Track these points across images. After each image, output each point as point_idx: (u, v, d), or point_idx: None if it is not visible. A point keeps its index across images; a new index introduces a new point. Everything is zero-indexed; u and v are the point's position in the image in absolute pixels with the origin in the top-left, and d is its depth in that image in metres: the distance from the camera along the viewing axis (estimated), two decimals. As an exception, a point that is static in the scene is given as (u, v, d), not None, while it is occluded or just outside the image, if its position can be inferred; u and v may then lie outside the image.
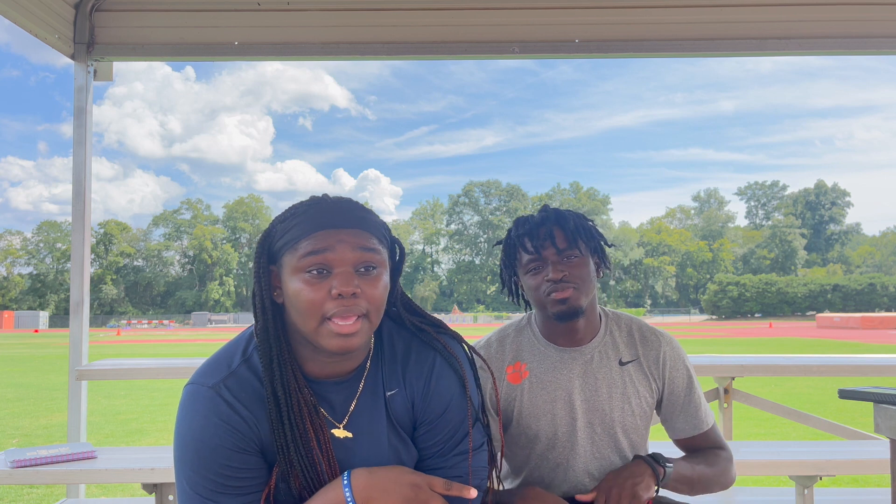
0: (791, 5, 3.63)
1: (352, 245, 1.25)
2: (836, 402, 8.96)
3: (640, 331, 1.81)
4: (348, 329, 1.23)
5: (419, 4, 3.67)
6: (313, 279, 1.23)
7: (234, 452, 1.25)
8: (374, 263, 1.27)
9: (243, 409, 1.26)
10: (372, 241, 1.28)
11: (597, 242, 1.75)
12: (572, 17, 3.67)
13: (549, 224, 1.71)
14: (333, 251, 1.23)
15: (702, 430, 1.78)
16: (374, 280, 1.26)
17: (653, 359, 1.77)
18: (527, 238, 1.72)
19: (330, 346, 1.23)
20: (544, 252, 1.69)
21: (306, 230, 1.25)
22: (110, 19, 3.66)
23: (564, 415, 1.72)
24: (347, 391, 1.36)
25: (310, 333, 1.25)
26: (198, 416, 1.25)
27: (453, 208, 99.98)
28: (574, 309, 1.68)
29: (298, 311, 1.24)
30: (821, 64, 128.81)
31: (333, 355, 1.29)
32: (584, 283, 1.69)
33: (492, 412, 1.76)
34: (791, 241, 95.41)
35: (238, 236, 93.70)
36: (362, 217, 1.30)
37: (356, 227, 1.27)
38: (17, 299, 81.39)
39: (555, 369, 1.74)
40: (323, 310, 1.22)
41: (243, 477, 1.26)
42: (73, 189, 3.58)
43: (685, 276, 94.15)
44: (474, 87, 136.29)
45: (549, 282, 1.67)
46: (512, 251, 1.77)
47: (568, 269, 1.68)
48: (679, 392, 1.78)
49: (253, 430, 1.27)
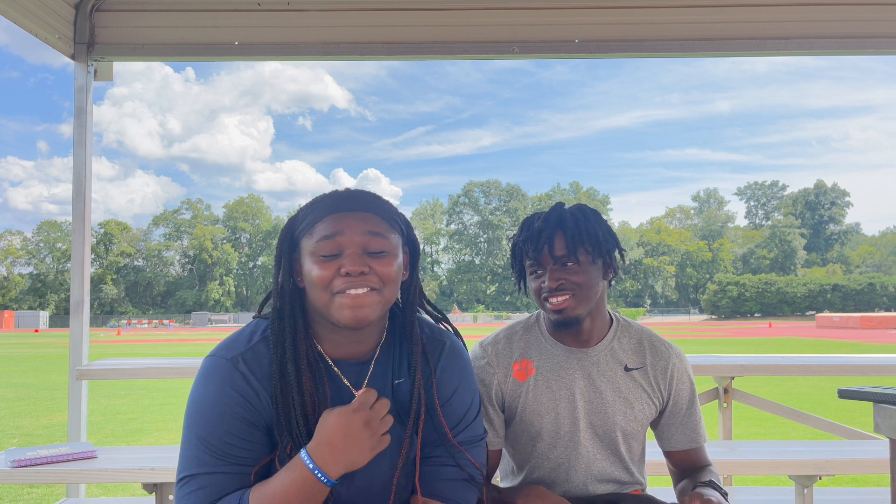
0: (790, 5, 3.63)
1: (361, 229, 1.32)
2: (836, 401, 8.97)
3: (650, 340, 1.80)
4: (359, 300, 1.29)
5: (419, 4, 3.67)
6: (325, 260, 1.31)
7: (242, 423, 1.30)
8: (384, 248, 1.34)
9: (256, 382, 1.32)
10: (381, 226, 1.35)
11: (603, 247, 1.70)
12: (572, 17, 3.67)
13: (550, 230, 1.69)
14: (343, 234, 1.31)
15: (699, 444, 1.78)
16: (386, 259, 1.33)
17: (661, 369, 1.77)
18: (527, 243, 1.72)
19: (342, 318, 1.30)
20: (542, 259, 1.69)
21: (320, 215, 1.34)
22: (110, 19, 3.66)
23: (567, 414, 1.72)
24: (358, 374, 1.40)
25: (323, 308, 1.32)
26: (213, 385, 1.31)
27: (453, 208, 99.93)
28: (569, 318, 1.67)
29: (312, 288, 1.32)
30: (816, 64, 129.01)
31: (348, 331, 1.35)
32: (582, 290, 1.67)
33: (496, 407, 1.76)
34: (791, 240, 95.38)
35: (238, 236, 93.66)
36: (373, 203, 1.37)
37: (366, 211, 1.35)
38: (17, 299, 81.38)
39: (560, 368, 1.75)
40: (332, 286, 1.30)
41: (244, 448, 1.30)
42: (73, 189, 3.58)
43: (685, 275, 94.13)
44: (471, 87, 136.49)
45: (545, 289, 1.68)
46: (518, 253, 1.78)
47: (565, 276, 1.66)
48: (682, 405, 1.78)
49: (263, 404, 1.32)
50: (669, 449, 1.80)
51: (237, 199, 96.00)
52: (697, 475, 1.73)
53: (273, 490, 1.25)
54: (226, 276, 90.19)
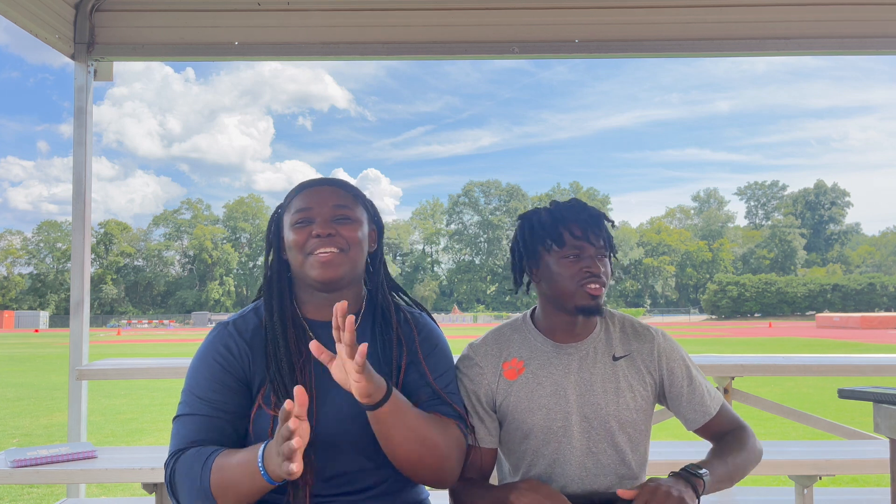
0: (790, 5, 3.63)
1: (329, 202, 1.58)
2: (836, 401, 8.97)
3: (632, 326, 1.82)
4: (327, 257, 1.53)
5: (419, 4, 3.67)
6: (300, 228, 1.57)
7: (222, 370, 1.53)
8: (349, 216, 1.58)
9: (241, 341, 1.56)
10: (347, 199, 1.61)
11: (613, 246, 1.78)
12: (572, 17, 3.67)
13: (596, 217, 1.73)
14: (313, 208, 1.57)
15: (711, 414, 1.77)
16: (351, 226, 1.58)
17: (647, 352, 1.78)
18: (576, 224, 1.70)
19: (315, 275, 1.54)
20: (589, 243, 1.69)
21: (296, 192, 1.63)
22: (110, 19, 3.66)
23: (559, 410, 1.72)
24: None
25: (300, 268, 1.57)
26: (207, 342, 1.60)
27: (453, 208, 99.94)
28: (600, 306, 1.71)
29: (290, 252, 1.58)
30: (816, 64, 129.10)
31: (322, 288, 1.57)
32: (607, 281, 1.72)
33: (487, 408, 1.76)
34: (791, 240, 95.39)
35: (238, 236, 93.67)
36: (340, 181, 1.65)
37: (333, 186, 1.62)
38: (17, 299, 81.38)
39: (551, 365, 1.76)
40: (306, 247, 1.55)
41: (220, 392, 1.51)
42: (73, 189, 3.58)
43: (685, 275, 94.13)
44: (470, 87, 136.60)
45: (588, 273, 1.67)
46: (550, 230, 1.72)
47: (604, 266, 1.71)
48: (680, 382, 1.78)
49: (245, 360, 1.54)
50: (692, 428, 1.81)
51: (237, 199, 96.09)
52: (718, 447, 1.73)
53: (229, 466, 1.38)
54: (226, 276, 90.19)
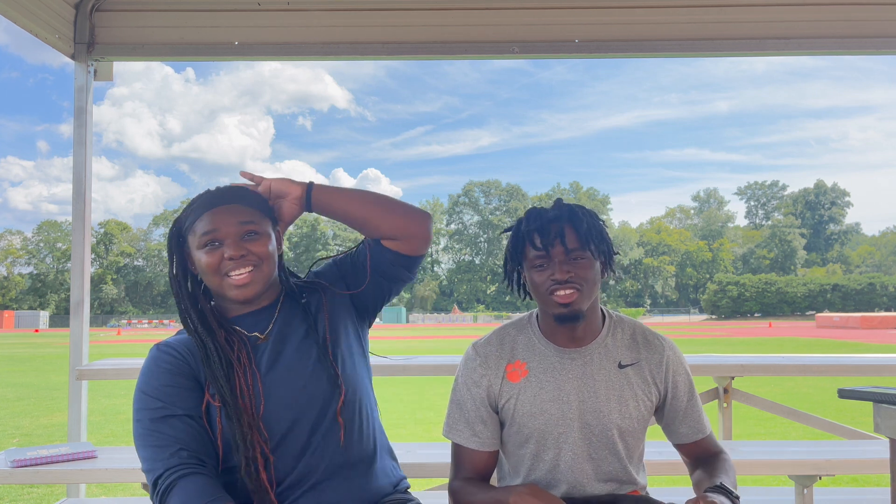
0: (790, 5, 3.62)
1: (234, 219, 1.59)
2: (836, 401, 8.96)
3: (643, 335, 1.80)
4: (242, 280, 1.58)
5: (419, 4, 3.67)
6: (211, 250, 1.58)
7: (170, 374, 1.55)
8: (256, 230, 1.60)
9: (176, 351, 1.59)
10: (251, 215, 1.62)
11: (606, 245, 1.71)
12: (572, 17, 3.66)
13: (562, 222, 1.67)
14: (219, 229, 1.58)
15: (704, 433, 1.79)
16: (260, 241, 1.60)
17: (656, 363, 1.77)
18: (536, 233, 1.68)
19: (233, 295, 1.59)
20: (553, 250, 1.65)
21: (200, 213, 1.61)
22: (110, 19, 3.65)
23: (560, 415, 1.71)
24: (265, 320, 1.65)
25: (218, 289, 1.60)
26: (147, 362, 1.60)
27: (453, 208, 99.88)
28: (575, 312, 1.66)
29: (205, 275, 1.60)
30: (815, 64, 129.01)
31: (244, 303, 1.62)
32: (587, 285, 1.66)
33: (489, 409, 1.76)
34: (791, 240, 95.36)
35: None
36: (241, 195, 1.63)
37: (236, 203, 1.61)
38: (17, 299, 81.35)
39: (553, 369, 1.74)
40: (220, 269, 1.58)
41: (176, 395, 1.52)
42: (73, 189, 3.57)
43: (685, 275, 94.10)
44: (469, 87, 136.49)
45: (553, 281, 1.65)
46: (520, 244, 1.73)
47: (574, 270, 1.65)
48: (682, 397, 1.78)
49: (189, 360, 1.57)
50: (678, 442, 1.81)
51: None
52: (712, 467, 1.72)
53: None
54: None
